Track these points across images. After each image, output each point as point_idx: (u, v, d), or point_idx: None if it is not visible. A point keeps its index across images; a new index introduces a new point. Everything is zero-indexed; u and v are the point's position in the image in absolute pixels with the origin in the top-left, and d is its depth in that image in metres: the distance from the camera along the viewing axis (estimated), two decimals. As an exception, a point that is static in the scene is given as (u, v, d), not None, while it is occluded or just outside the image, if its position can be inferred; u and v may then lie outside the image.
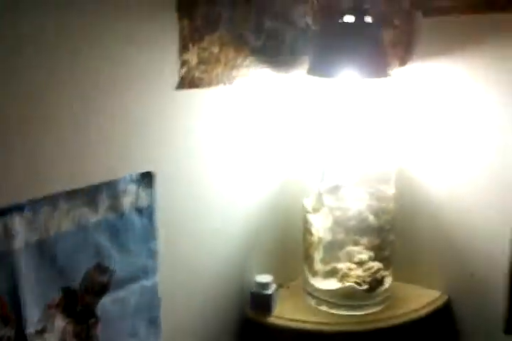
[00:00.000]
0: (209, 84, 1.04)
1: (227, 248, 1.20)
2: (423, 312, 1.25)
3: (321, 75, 1.18)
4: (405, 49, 1.27)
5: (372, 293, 1.22)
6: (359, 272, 1.22)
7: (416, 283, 1.36)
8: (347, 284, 1.21)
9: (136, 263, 0.97)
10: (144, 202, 0.95)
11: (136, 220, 0.95)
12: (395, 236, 1.29)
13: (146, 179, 0.95)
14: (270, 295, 1.22)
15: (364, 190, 1.24)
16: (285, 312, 1.25)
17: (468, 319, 1.31)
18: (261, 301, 1.23)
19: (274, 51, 1.17)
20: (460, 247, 1.30)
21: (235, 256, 1.23)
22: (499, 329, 1.24)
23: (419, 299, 1.29)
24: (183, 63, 0.98)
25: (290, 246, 1.33)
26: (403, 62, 1.27)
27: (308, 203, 1.26)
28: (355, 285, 1.21)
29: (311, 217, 1.25)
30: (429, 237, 1.34)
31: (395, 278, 1.30)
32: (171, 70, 0.97)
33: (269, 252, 1.31)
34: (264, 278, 1.24)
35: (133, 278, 0.97)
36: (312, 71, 1.18)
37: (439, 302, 1.29)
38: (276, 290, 1.25)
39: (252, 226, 1.25)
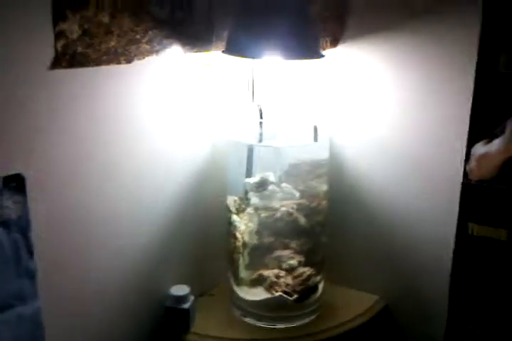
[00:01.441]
0: (97, 62, 0.84)
1: (135, 256, 1.02)
2: (360, 320, 1.13)
3: (238, 55, 1.01)
4: (337, 24, 1.12)
5: (304, 303, 1.10)
6: (288, 280, 1.08)
7: (351, 287, 1.25)
8: (275, 294, 1.07)
9: (6, 288, 0.78)
10: (11, 213, 0.76)
11: (2, 236, 0.75)
12: (328, 236, 1.16)
13: (13, 184, 0.76)
14: (187, 310, 1.06)
15: (294, 186, 1.10)
16: (206, 327, 1.09)
17: (410, 326, 1.21)
18: (177, 317, 1.07)
19: (183, 24, 0.98)
20: (399, 246, 1.19)
21: (145, 264, 1.04)
22: (440, 336, 1.14)
23: (355, 305, 1.17)
24: (59, 35, 0.78)
25: (213, 248, 1.17)
26: (335, 40, 1.13)
27: (232, 202, 1.11)
28: (285, 295, 1.07)
29: (234, 219, 1.10)
30: (364, 236, 1.23)
31: (327, 281, 1.17)
32: (42, 45, 0.77)
33: (187, 258, 1.14)
34: (180, 289, 1.07)
35: (5, 307, 0.78)
36: (229, 50, 1.01)
37: (377, 308, 1.18)
38: (195, 301, 1.09)
39: (165, 229, 1.07)
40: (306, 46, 1.00)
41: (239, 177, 1.10)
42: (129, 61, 0.89)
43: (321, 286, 1.13)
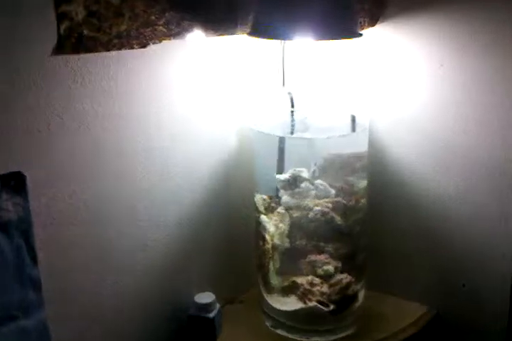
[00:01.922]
0: (107, 46, 0.76)
1: (154, 259, 0.93)
2: (407, 333, 1.01)
3: (266, 37, 0.90)
4: (375, 2, 1.00)
5: (342, 314, 0.98)
6: (324, 288, 0.97)
7: (395, 295, 1.12)
8: (309, 304, 0.97)
9: (7, 298, 0.70)
10: (11, 215, 0.68)
11: (1, 240, 0.68)
12: (368, 238, 1.04)
13: (13, 183, 0.68)
14: (212, 319, 0.97)
15: (329, 183, 0.99)
16: (233, 338, 0.99)
17: (462, 338, 1.08)
18: (201, 327, 0.97)
19: (203, 5, 0.89)
20: (451, 248, 1.05)
21: (167, 269, 0.96)
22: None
23: (401, 316, 1.04)
24: (62, 17, 0.70)
25: (242, 251, 1.07)
26: (373, 19, 1.01)
27: (260, 201, 1.00)
28: (320, 306, 0.96)
29: (263, 219, 1.00)
30: (410, 237, 1.09)
31: (368, 288, 1.05)
32: (44, 28, 0.69)
33: (212, 262, 1.05)
34: (205, 297, 0.98)
35: (6, 319, 0.70)
36: (256, 32, 0.90)
37: (426, 319, 1.05)
38: (221, 310, 1.00)
39: (188, 230, 0.98)
40: (341, 25, 0.89)
41: (268, 173, 1.00)
42: (143, 45, 0.81)
43: (361, 295, 1.02)
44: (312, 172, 1.01)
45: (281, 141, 1.00)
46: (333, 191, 0.99)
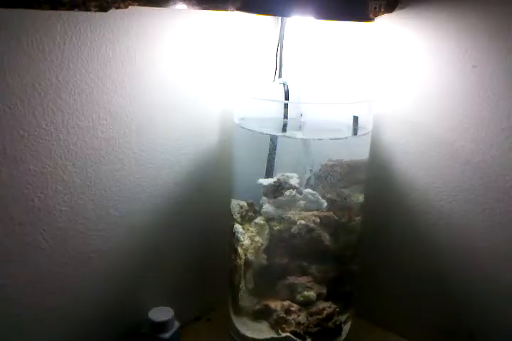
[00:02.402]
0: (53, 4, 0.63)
1: (104, 265, 0.80)
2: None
3: (258, 12, 0.76)
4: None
5: (320, 349, 0.83)
6: (302, 317, 0.81)
7: (389, 329, 0.96)
8: (282, 334, 0.81)
9: None
10: None
11: None
12: (360, 262, 0.88)
13: None
14: (168, 340, 0.84)
15: (320, 193, 0.84)
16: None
17: None
18: (154, 350, 0.84)
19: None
20: (460, 276, 0.87)
21: (118, 278, 0.82)
22: None
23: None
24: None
25: (214, 261, 0.92)
26: (391, 3, 0.85)
27: (236, 207, 0.86)
28: (293, 337, 0.81)
29: (237, 229, 0.85)
30: (410, 262, 0.92)
31: (356, 321, 0.90)
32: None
33: (177, 271, 0.91)
34: (161, 313, 0.84)
35: None
36: (247, 5, 0.76)
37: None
38: (183, 327, 0.86)
39: (150, 232, 0.85)
40: (349, 5, 0.74)
41: (249, 175, 0.86)
42: (103, 8, 0.68)
43: (346, 328, 0.87)
44: (307, 180, 0.87)
45: (273, 139, 0.87)
46: (325, 203, 0.84)
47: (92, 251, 0.77)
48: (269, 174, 0.88)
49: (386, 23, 0.84)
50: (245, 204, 0.85)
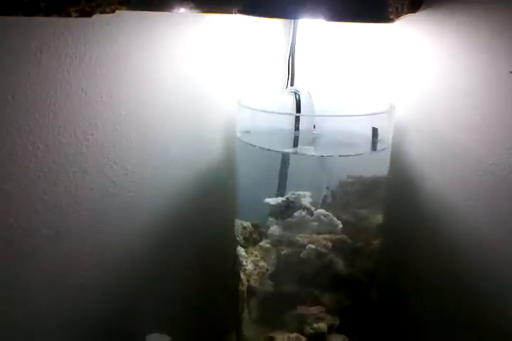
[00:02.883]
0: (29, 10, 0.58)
1: (92, 286, 0.74)
2: None
3: (262, 15, 0.69)
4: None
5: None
6: (311, 352, 0.75)
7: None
8: (287, 372, 0.74)
9: None
10: None
11: None
12: (379, 291, 0.79)
13: None
14: (164, 374, 0.77)
15: (335, 214, 0.76)
16: None
17: None
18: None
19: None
20: (494, 316, 0.75)
21: (109, 301, 0.77)
22: None
23: None
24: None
25: (215, 285, 0.86)
26: (415, 3, 0.75)
27: (239, 228, 0.79)
28: (298, 375, 0.73)
29: (240, 252, 0.78)
30: (440, 291, 0.81)
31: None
32: None
33: (178, 295, 0.84)
34: None
35: None
36: (250, 7, 0.69)
37: None
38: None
39: (146, 250, 0.79)
40: (366, 4, 0.66)
41: (256, 194, 0.79)
42: (86, 13, 0.62)
43: (362, 365, 0.79)
44: (322, 199, 0.79)
45: (284, 155, 0.79)
46: (340, 225, 0.76)
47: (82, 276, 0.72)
48: (280, 192, 0.80)
49: (408, 25, 0.75)
50: (249, 225, 0.78)
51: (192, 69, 0.75)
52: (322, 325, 0.74)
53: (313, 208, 0.75)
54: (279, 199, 0.76)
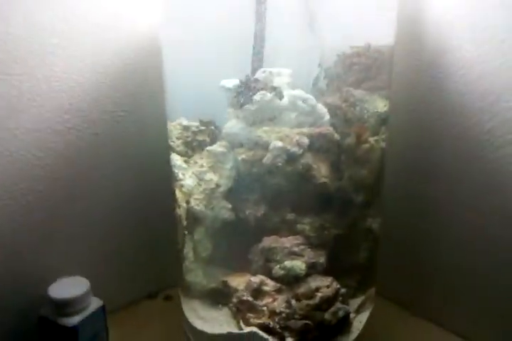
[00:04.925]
0: None
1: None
2: None
3: None
4: None
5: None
6: (280, 302, 0.49)
7: (426, 318, 0.64)
8: (245, 329, 0.50)
9: None
10: None
11: None
12: (385, 213, 0.56)
13: None
14: (72, 329, 0.53)
15: (327, 102, 0.51)
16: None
17: None
18: (58, 338, 0.56)
19: None
20: None
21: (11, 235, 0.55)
22: None
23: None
24: None
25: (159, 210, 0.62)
26: None
27: (177, 130, 0.53)
28: (263, 335, 0.49)
29: (176, 162, 0.53)
30: (457, 232, 0.57)
31: (378, 307, 0.57)
32: None
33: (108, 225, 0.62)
34: (68, 285, 0.55)
35: None
36: None
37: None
38: (103, 312, 0.55)
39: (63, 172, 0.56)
40: None
41: (206, 78, 0.53)
42: None
43: (362, 319, 0.54)
44: (313, 81, 0.54)
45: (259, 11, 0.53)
46: (327, 115, 0.51)
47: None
48: (254, 71, 0.55)
49: None
50: (194, 124, 0.54)
51: None
52: (298, 264, 0.51)
53: (281, 88, 0.50)
54: (236, 81, 0.52)
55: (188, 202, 0.50)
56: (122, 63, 0.58)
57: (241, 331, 0.49)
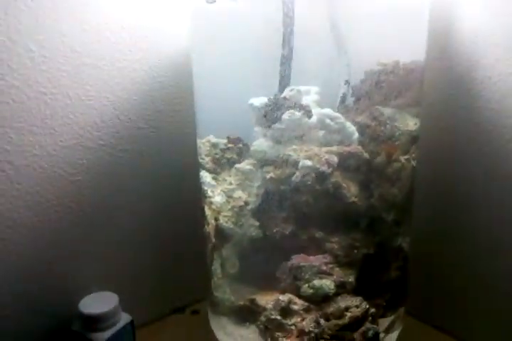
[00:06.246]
0: None
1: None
2: None
3: None
4: None
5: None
6: (309, 322, 0.49)
7: (456, 338, 0.62)
8: (274, 348, 0.51)
9: None
10: None
11: None
12: (417, 232, 0.55)
13: None
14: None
15: (351, 119, 0.50)
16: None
17: None
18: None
19: None
20: None
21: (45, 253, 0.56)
22: None
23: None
24: None
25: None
26: None
27: (206, 147, 0.54)
28: (293, 356, 0.50)
29: (205, 179, 0.54)
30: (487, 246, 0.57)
31: (409, 326, 0.57)
32: None
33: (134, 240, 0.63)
34: (98, 301, 0.56)
35: None
36: None
37: None
38: (133, 326, 0.56)
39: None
40: None
41: (233, 97, 0.54)
42: None
43: (391, 339, 0.54)
44: (340, 98, 0.54)
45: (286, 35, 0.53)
46: (356, 134, 0.51)
47: None
48: (282, 89, 0.55)
49: None
50: (222, 141, 0.54)
51: None
52: (327, 283, 0.50)
53: (310, 107, 0.50)
54: (265, 99, 0.52)
55: (216, 219, 0.51)
56: (152, 81, 0.60)
57: (270, 349, 0.49)
